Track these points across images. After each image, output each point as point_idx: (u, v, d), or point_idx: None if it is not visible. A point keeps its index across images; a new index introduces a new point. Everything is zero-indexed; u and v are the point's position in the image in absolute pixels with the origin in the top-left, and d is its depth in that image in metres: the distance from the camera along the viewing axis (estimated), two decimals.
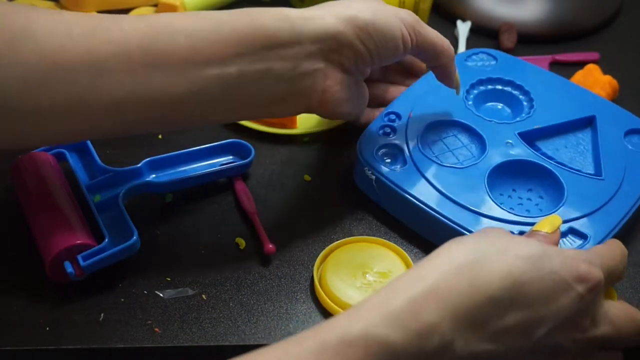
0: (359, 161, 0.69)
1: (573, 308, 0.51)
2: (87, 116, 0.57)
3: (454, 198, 0.65)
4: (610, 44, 0.90)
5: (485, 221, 0.64)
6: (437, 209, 0.64)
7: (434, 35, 0.66)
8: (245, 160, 0.71)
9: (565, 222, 0.64)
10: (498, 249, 0.51)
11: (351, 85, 0.64)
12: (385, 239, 0.66)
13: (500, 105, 0.76)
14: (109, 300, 0.62)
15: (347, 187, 0.71)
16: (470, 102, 0.74)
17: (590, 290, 0.52)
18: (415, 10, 0.84)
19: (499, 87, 0.76)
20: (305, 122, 0.76)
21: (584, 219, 0.65)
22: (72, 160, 0.69)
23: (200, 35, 0.58)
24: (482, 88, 0.76)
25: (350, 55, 0.62)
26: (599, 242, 0.63)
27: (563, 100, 0.75)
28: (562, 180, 0.67)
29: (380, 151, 0.69)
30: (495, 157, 0.69)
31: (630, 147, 0.71)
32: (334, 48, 0.61)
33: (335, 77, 0.63)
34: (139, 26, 0.57)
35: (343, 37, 0.61)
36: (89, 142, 0.70)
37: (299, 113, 0.65)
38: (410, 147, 0.69)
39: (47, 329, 0.60)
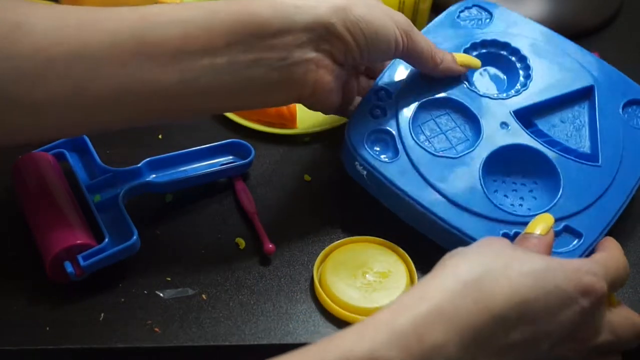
0: (349, 152, 0.66)
1: (577, 321, 0.51)
2: (84, 108, 0.57)
3: (449, 195, 0.63)
4: (610, 44, 0.90)
5: (480, 221, 0.63)
6: (432, 208, 0.63)
7: (424, 44, 0.66)
8: (245, 160, 0.71)
9: (559, 219, 0.63)
10: (502, 265, 0.51)
11: (342, 77, 0.64)
12: (385, 239, 0.66)
13: (494, 71, 0.73)
14: (109, 300, 0.62)
15: (347, 187, 0.71)
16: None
17: (593, 302, 0.52)
18: (415, 10, 0.84)
19: (493, 50, 0.72)
20: (306, 122, 0.76)
21: (579, 215, 0.64)
22: (72, 160, 0.69)
23: (192, 25, 0.58)
24: (474, 53, 0.72)
25: (339, 46, 0.62)
26: (593, 241, 0.62)
27: (561, 66, 0.72)
28: (558, 169, 0.66)
29: (371, 138, 0.66)
30: (489, 142, 0.66)
31: (628, 122, 0.69)
32: (325, 38, 0.61)
33: (327, 67, 0.62)
34: (132, 17, 0.57)
35: (333, 28, 0.61)
36: (88, 142, 0.70)
37: (292, 102, 0.65)
38: (402, 134, 0.66)
39: (47, 329, 0.60)
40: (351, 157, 0.66)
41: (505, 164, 0.66)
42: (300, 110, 0.76)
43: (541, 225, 0.58)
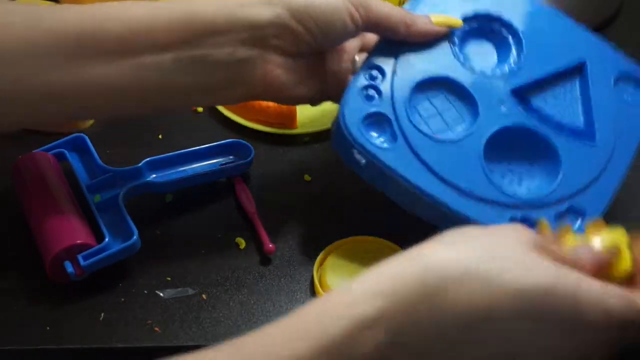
0: (344, 139, 0.62)
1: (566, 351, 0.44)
2: (28, 102, 0.58)
3: (451, 180, 0.60)
4: (610, 39, 0.90)
5: (484, 206, 0.60)
6: (434, 194, 0.60)
7: (387, 10, 0.63)
8: (245, 160, 0.71)
9: (563, 200, 0.62)
10: (490, 275, 0.42)
11: (300, 68, 0.63)
12: (385, 238, 0.66)
13: (485, 45, 0.68)
14: (109, 300, 0.62)
15: (347, 186, 0.71)
16: (456, 46, 0.66)
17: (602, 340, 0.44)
18: None
19: (485, 24, 0.68)
20: (306, 122, 0.76)
21: (581, 194, 0.62)
22: (72, 160, 0.69)
23: (136, 23, 0.58)
24: (466, 27, 0.67)
25: (289, 38, 0.61)
26: (601, 214, 0.61)
27: (552, 41, 0.69)
28: (558, 149, 0.64)
29: (366, 122, 0.62)
30: (489, 124, 0.63)
31: (620, 97, 0.68)
32: (272, 33, 0.60)
33: (275, 62, 0.61)
34: (79, 15, 0.58)
35: (279, 21, 0.60)
36: (89, 142, 0.70)
37: (244, 100, 0.64)
38: (399, 117, 0.62)
39: (48, 328, 0.60)
40: (348, 144, 0.62)
41: (503, 144, 0.64)
42: (300, 110, 0.76)
43: (611, 243, 0.49)
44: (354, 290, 0.43)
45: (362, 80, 0.64)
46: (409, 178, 0.61)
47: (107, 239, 0.62)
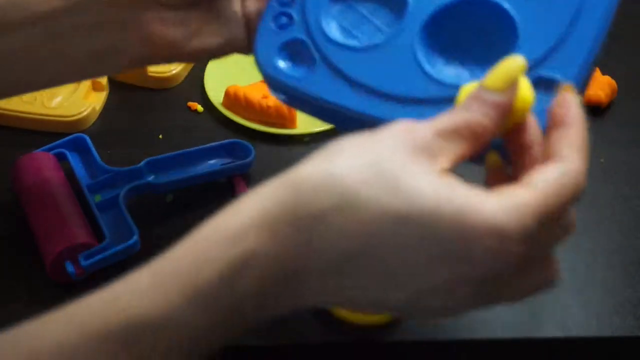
0: (263, 77, 0.56)
1: (463, 282, 0.39)
2: None
3: (388, 90, 0.51)
4: (610, 44, 0.90)
5: (435, 108, 0.48)
6: (373, 113, 0.51)
7: None
8: (245, 160, 0.71)
9: (529, 70, 0.47)
10: (365, 203, 0.38)
11: (193, 18, 0.57)
12: None
13: None
14: None
15: None
16: None
17: (500, 273, 0.39)
18: None
19: None
20: (306, 122, 0.76)
21: (550, 58, 0.49)
22: (73, 160, 0.69)
23: None
24: None
25: None
26: (575, 86, 0.48)
27: None
28: (507, 7, 0.51)
29: (282, 54, 0.55)
30: (422, 9, 0.53)
31: None
32: None
33: (155, 18, 0.56)
34: None
35: None
36: (89, 142, 0.70)
37: (135, 66, 0.59)
38: (315, 37, 0.54)
39: None
40: (266, 82, 0.56)
41: (452, 26, 0.53)
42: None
43: (502, 79, 0.42)
44: (227, 226, 0.42)
45: (273, 9, 0.57)
46: (335, 101, 0.53)
47: (107, 239, 0.62)
